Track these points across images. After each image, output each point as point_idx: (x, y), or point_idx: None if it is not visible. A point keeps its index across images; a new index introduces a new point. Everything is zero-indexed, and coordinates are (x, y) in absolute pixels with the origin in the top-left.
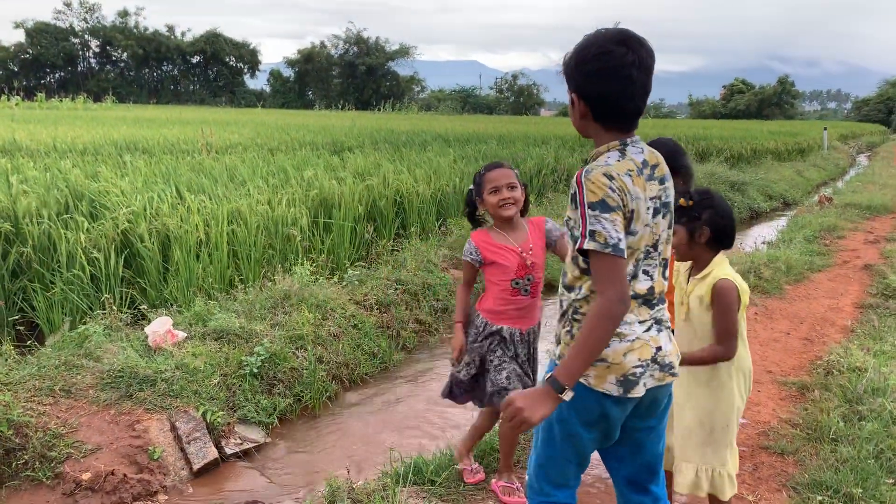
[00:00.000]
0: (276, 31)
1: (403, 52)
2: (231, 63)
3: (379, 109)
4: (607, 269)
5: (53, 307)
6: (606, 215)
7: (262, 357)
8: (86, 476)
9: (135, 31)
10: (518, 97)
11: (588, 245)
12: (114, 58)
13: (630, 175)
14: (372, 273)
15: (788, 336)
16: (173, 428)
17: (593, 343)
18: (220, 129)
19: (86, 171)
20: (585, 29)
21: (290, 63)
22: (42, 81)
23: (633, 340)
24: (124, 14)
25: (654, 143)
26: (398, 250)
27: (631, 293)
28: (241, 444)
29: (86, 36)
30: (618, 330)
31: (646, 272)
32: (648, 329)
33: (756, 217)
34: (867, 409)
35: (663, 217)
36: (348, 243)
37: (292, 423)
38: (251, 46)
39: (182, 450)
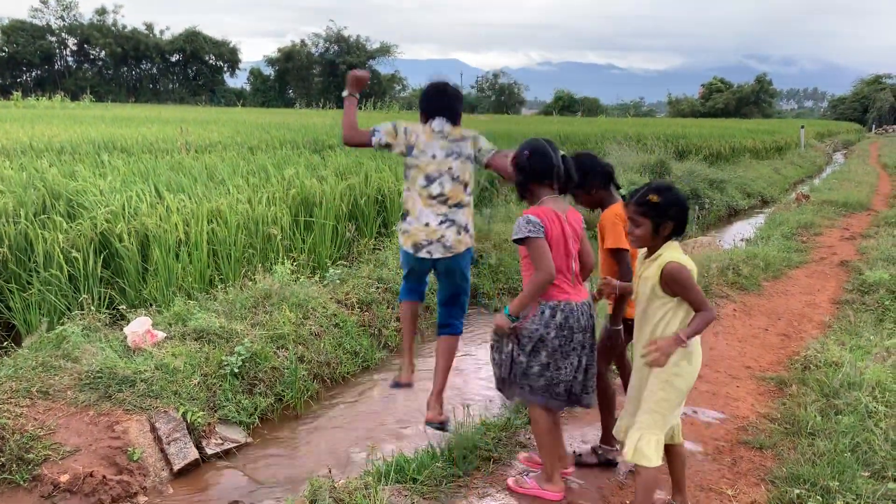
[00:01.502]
0: (256, 30)
1: (384, 50)
2: (211, 62)
3: (360, 108)
4: None
5: (30, 308)
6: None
7: (243, 357)
8: (64, 478)
9: (113, 29)
10: (499, 96)
11: None
12: (91, 56)
13: (420, 127)
14: (353, 272)
15: (766, 332)
16: (153, 429)
17: None
18: (200, 127)
19: (63, 171)
20: (566, 28)
21: (271, 61)
22: (18, 80)
23: (426, 225)
24: (102, 12)
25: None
26: (380, 248)
27: (427, 194)
28: (222, 444)
29: (63, 34)
30: (420, 216)
31: (440, 183)
32: (441, 223)
33: (735, 214)
34: (843, 404)
35: (455, 159)
36: (329, 242)
37: (273, 423)
38: (231, 45)
39: (162, 450)
